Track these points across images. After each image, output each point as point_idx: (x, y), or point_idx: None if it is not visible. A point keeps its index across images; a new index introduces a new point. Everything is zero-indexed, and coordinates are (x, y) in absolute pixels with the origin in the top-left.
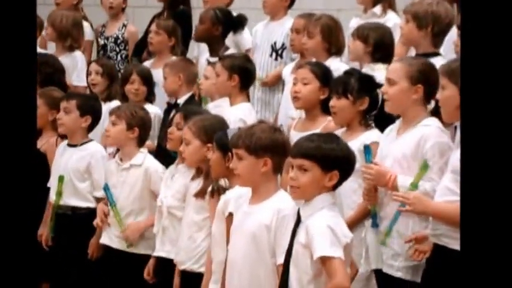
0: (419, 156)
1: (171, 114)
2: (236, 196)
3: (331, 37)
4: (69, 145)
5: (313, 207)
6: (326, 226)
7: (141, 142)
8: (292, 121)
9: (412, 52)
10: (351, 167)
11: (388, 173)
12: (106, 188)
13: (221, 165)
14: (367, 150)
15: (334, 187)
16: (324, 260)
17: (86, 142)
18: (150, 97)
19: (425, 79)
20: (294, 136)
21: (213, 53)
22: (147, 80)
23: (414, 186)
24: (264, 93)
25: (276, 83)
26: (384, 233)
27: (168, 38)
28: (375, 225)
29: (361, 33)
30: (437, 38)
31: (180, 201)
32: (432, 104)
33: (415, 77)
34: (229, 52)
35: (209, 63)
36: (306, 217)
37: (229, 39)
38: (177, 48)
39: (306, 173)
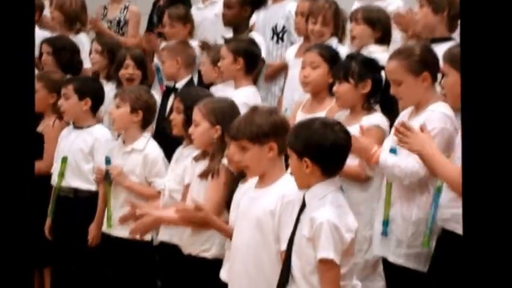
0: None
1: (170, 99)
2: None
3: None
4: (75, 127)
5: (314, 195)
6: (332, 225)
7: (145, 125)
8: (296, 103)
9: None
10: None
11: (372, 148)
12: (108, 161)
13: None
14: (393, 152)
15: (331, 172)
16: (322, 261)
17: (92, 125)
18: (144, 81)
19: (426, 64)
20: (301, 117)
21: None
22: (142, 64)
23: None
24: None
25: (278, 74)
26: (425, 236)
27: (183, 27)
28: (385, 233)
29: (367, 17)
30: (453, 22)
31: (180, 184)
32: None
33: (417, 67)
34: (252, 34)
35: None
36: (309, 204)
37: None
38: (194, 32)
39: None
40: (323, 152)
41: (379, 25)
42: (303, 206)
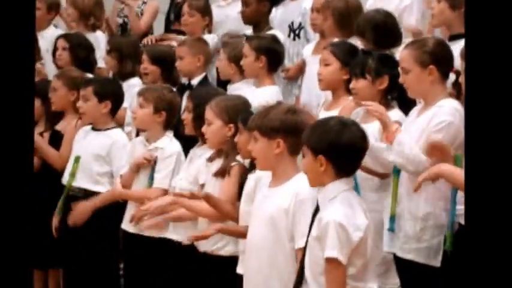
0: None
1: (184, 97)
2: (264, 177)
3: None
4: (93, 129)
5: (326, 195)
6: (337, 224)
7: (167, 125)
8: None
9: None
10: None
11: (394, 124)
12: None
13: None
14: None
15: (345, 172)
16: (327, 261)
17: (110, 128)
18: (169, 78)
19: (435, 58)
20: (322, 115)
21: (258, 32)
22: (157, 59)
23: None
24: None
25: (299, 73)
26: (449, 237)
27: (202, 18)
28: (392, 229)
29: (359, 30)
30: None
31: (192, 184)
32: (452, 78)
33: (425, 59)
34: (272, 31)
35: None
36: (321, 205)
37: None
38: (211, 27)
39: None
40: (338, 150)
41: (369, 35)
42: (317, 207)
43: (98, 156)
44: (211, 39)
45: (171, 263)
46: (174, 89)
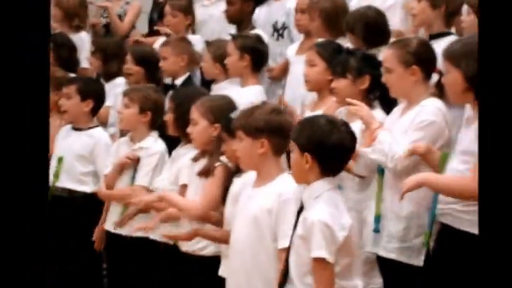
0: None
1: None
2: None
3: (332, 19)
4: (74, 128)
5: (311, 193)
6: (322, 224)
7: (153, 125)
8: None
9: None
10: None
11: (376, 123)
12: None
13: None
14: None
15: (331, 171)
16: (315, 261)
17: (92, 127)
18: (153, 78)
19: (418, 59)
20: (307, 115)
21: (242, 32)
22: (141, 60)
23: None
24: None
25: (283, 73)
26: (426, 236)
27: (184, 18)
28: (377, 230)
29: (349, 26)
30: (450, 17)
31: (174, 184)
32: (434, 78)
33: (408, 59)
34: (255, 31)
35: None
36: (306, 204)
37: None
38: (194, 26)
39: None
40: (324, 149)
41: (358, 31)
42: (302, 205)
43: (80, 156)
44: (197, 41)
45: (154, 263)
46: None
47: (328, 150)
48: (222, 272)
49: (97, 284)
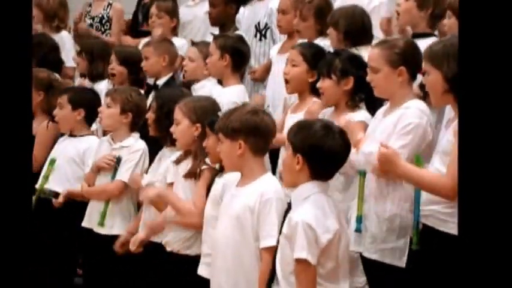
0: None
1: (150, 97)
2: (232, 180)
3: (324, 19)
4: (70, 135)
5: (299, 195)
6: (306, 225)
7: (133, 127)
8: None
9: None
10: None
11: (361, 133)
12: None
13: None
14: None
15: (321, 176)
16: (297, 261)
17: (85, 135)
18: (137, 79)
19: (406, 59)
20: (289, 118)
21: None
22: (124, 60)
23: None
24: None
25: (266, 74)
26: (414, 236)
27: (170, 20)
28: (359, 230)
29: (333, 20)
30: (435, 20)
31: (160, 183)
32: (419, 78)
33: (395, 60)
34: (238, 33)
35: (193, 43)
36: (294, 204)
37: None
38: (178, 29)
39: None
40: (316, 153)
41: (341, 28)
42: (289, 206)
43: (72, 160)
44: (183, 45)
45: (139, 262)
46: (142, 92)
47: (320, 154)
48: (200, 271)
49: (72, 283)
